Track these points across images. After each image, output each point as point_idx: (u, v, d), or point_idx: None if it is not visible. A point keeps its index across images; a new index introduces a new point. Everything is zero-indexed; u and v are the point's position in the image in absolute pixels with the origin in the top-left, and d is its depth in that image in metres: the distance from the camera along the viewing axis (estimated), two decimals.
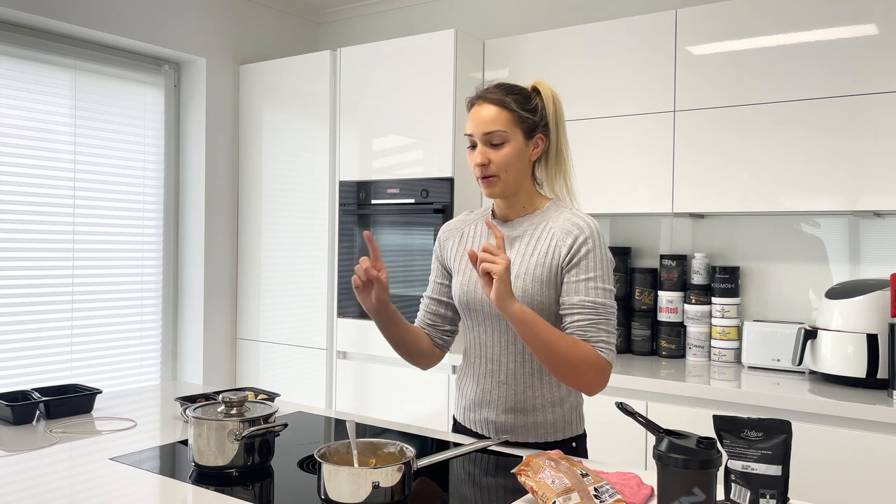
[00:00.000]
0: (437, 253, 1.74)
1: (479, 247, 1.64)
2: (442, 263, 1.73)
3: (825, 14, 2.39)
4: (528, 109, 1.55)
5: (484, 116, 1.53)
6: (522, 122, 1.54)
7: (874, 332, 2.29)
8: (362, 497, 1.20)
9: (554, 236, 1.54)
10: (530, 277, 1.52)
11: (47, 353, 3.07)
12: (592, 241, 1.51)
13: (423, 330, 1.73)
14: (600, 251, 1.51)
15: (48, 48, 3.06)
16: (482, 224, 1.67)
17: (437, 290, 1.73)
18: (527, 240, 1.57)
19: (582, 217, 1.54)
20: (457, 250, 1.68)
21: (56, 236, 3.09)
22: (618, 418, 2.46)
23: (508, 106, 1.53)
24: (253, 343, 3.55)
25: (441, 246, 1.73)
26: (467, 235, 1.68)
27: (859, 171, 2.34)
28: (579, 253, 1.50)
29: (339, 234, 3.25)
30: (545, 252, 1.53)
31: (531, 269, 1.53)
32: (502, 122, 1.52)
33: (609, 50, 2.78)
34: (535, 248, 1.55)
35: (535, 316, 1.41)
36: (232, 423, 1.39)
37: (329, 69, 3.27)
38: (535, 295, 1.51)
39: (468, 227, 1.70)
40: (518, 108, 1.54)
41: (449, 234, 1.72)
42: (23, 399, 1.81)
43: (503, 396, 1.58)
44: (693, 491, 1.12)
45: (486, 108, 1.54)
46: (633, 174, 2.73)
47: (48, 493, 1.28)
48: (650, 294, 2.93)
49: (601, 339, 1.47)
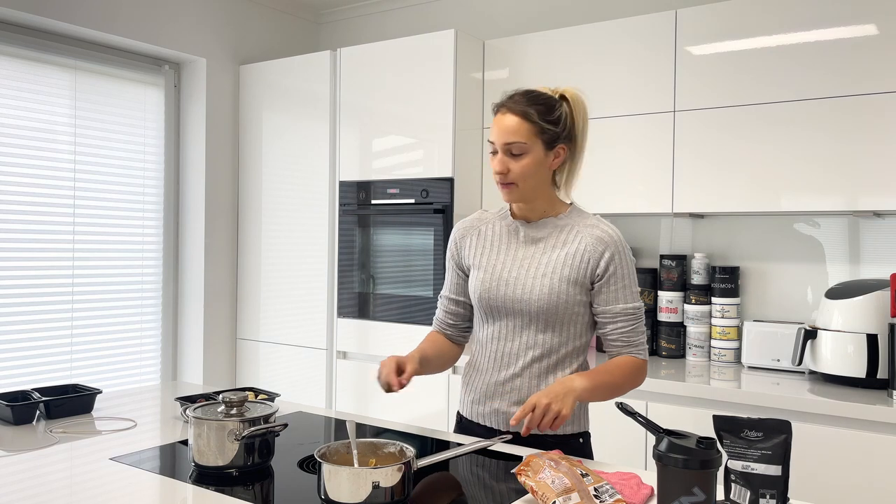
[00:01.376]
0: (453, 251, 1.75)
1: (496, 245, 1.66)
2: (458, 261, 1.75)
3: (825, 14, 2.39)
4: (549, 121, 1.57)
5: (506, 126, 1.56)
6: (543, 134, 1.56)
7: (874, 332, 2.29)
8: (362, 497, 1.20)
9: (583, 241, 1.59)
10: (557, 275, 1.57)
11: (47, 353, 3.07)
12: (620, 253, 1.59)
13: (443, 332, 1.79)
14: (627, 259, 1.60)
15: (48, 48, 3.06)
16: (500, 223, 1.70)
17: (455, 290, 1.76)
18: (552, 241, 1.61)
19: (608, 226, 1.61)
20: (475, 248, 1.70)
21: (56, 236, 3.09)
22: (618, 418, 2.46)
23: (530, 117, 1.55)
24: (253, 343, 3.55)
25: (457, 244, 1.74)
26: (485, 233, 1.71)
27: (859, 171, 2.34)
28: (612, 265, 1.57)
29: (339, 234, 3.25)
30: (573, 254, 1.58)
31: (558, 268, 1.57)
32: (523, 134, 1.55)
33: (609, 50, 2.78)
34: (562, 248, 1.59)
35: (591, 378, 1.51)
36: (232, 423, 1.39)
37: (329, 69, 3.27)
38: (560, 293, 1.56)
39: (485, 226, 1.72)
40: (540, 120, 1.56)
41: (465, 231, 1.74)
42: (23, 399, 1.81)
43: (515, 388, 1.61)
44: (693, 491, 1.12)
45: (508, 118, 1.56)
46: (633, 174, 2.73)
47: (48, 493, 1.28)
48: (650, 294, 2.93)
49: (640, 343, 1.60)
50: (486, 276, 1.64)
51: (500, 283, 1.61)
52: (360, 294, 3.19)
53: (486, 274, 1.64)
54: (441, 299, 1.79)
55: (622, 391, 1.57)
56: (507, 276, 1.61)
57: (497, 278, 1.62)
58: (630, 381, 1.58)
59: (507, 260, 1.63)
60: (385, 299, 3.11)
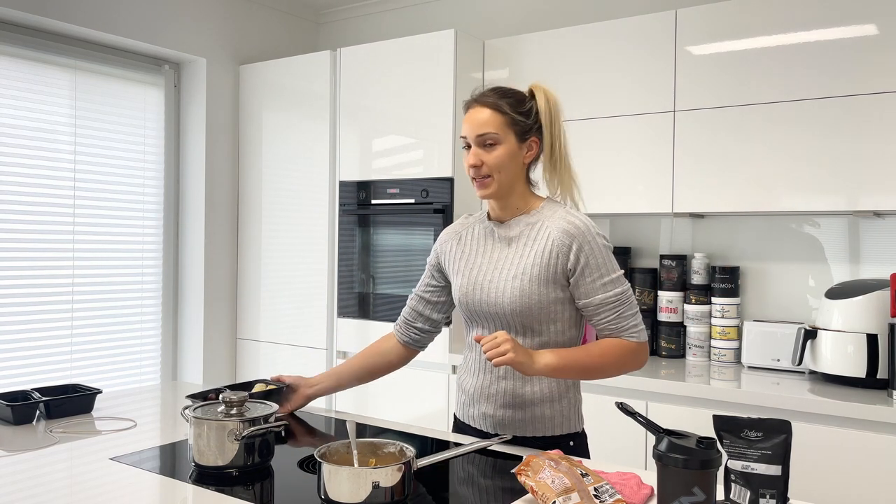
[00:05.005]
0: (434, 255, 1.78)
1: (474, 248, 1.67)
2: (437, 266, 1.77)
3: (825, 14, 2.39)
4: (521, 112, 1.58)
5: (477, 119, 1.57)
6: (515, 125, 1.57)
7: (874, 332, 2.29)
8: (362, 497, 1.20)
9: (550, 236, 1.56)
10: (528, 277, 1.55)
11: (47, 353, 3.07)
12: (590, 243, 1.54)
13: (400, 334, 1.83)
14: (598, 246, 1.55)
15: (48, 48, 3.06)
16: (479, 227, 1.70)
17: (425, 290, 1.80)
18: (523, 240, 1.60)
19: (575, 216, 1.57)
20: (454, 253, 1.71)
21: (56, 236, 3.09)
22: (618, 418, 2.46)
23: (501, 109, 1.57)
24: (253, 343, 3.55)
25: (439, 249, 1.76)
26: (465, 238, 1.71)
27: (859, 171, 2.34)
28: (581, 257, 1.54)
29: (339, 234, 3.25)
30: (542, 252, 1.56)
31: (528, 269, 1.56)
32: (495, 125, 1.56)
33: (609, 50, 2.78)
34: (531, 247, 1.58)
35: (561, 356, 1.49)
36: (232, 423, 1.39)
37: (329, 69, 3.27)
38: (532, 294, 1.54)
39: (465, 231, 1.73)
40: (511, 111, 1.57)
41: (448, 237, 1.76)
42: (23, 399, 1.81)
43: (501, 391, 1.61)
44: (693, 491, 1.12)
45: (480, 112, 1.58)
46: (633, 174, 2.73)
47: (48, 493, 1.28)
48: (650, 294, 2.93)
49: (630, 326, 1.56)
50: (464, 281, 1.65)
51: (477, 288, 1.61)
52: (360, 294, 3.19)
53: (464, 279, 1.65)
54: (412, 295, 1.83)
55: (605, 373, 1.53)
56: (483, 279, 1.61)
57: (473, 282, 1.62)
58: (616, 363, 1.53)
59: (484, 263, 1.63)
60: (385, 299, 3.11)
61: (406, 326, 1.82)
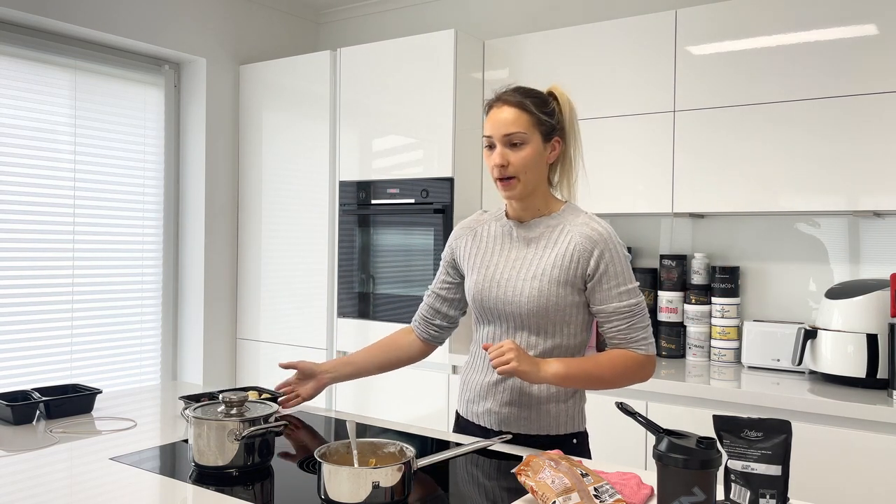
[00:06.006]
0: (448, 251, 1.77)
1: (491, 246, 1.67)
2: (452, 262, 1.76)
3: (825, 14, 2.39)
4: (546, 113, 1.58)
5: (504, 118, 1.56)
6: (541, 125, 1.57)
7: (874, 332, 2.29)
8: (362, 497, 1.20)
9: (573, 240, 1.56)
10: (546, 277, 1.55)
11: (47, 353, 3.07)
12: (611, 251, 1.56)
13: (417, 329, 1.82)
14: (619, 255, 1.56)
15: (48, 48, 3.06)
16: (496, 224, 1.69)
17: (441, 287, 1.78)
18: (544, 242, 1.60)
19: (598, 223, 1.58)
20: (469, 249, 1.70)
21: (56, 236, 3.09)
22: (618, 418, 2.46)
23: (527, 108, 1.55)
24: (253, 343, 3.55)
25: (453, 245, 1.75)
26: (480, 234, 1.71)
27: (859, 171, 2.34)
28: (601, 263, 1.55)
29: (339, 234, 3.25)
30: (563, 255, 1.56)
31: (548, 270, 1.56)
32: (522, 124, 1.55)
33: (609, 50, 2.78)
34: (552, 249, 1.58)
35: (569, 365, 1.51)
36: (232, 423, 1.39)
37: (329, 69, 3.27)
38: (550, 295, 1.55)
39: (481, 227, 1.72)
40: (537, 111, 1.56)
41: (462, 232, 1.74)
42: (23, 399, 1.81)
43: (507, 389, 1.61)
44: (693, 491, 1.12)
45: (505, 111, 1.56)
46: (633, 174, 2.73)
47: (48, 493, 1.28)
48: (650, 294, 2.93)
49: (640, 339, 1.56)
50: (479, 278, 1.64)
51: (493, 285, 1.61)
52: (360, 294, 3.19)
53: (479, 276, 1.64)
54: (427, 292, 1.82)
55: (611, 384, 1.54)
56: (500, 277, 1.61)
57: (490, 280, 1.62)
58: (622, 375, 1.54)
59: (500, 261, 1.63)
60: (385, 299, 3.11)
61: (425, 324, 1.81)
